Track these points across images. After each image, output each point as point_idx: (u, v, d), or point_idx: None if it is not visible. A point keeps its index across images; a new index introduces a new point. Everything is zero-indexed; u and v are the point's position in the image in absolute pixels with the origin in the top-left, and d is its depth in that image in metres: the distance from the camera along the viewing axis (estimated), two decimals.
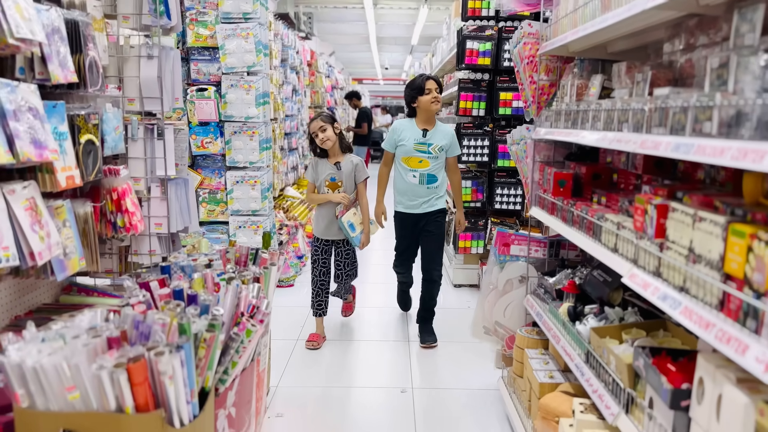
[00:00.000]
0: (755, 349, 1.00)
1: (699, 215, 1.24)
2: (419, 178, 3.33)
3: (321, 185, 3.35)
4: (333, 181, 3.33)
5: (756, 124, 1.04)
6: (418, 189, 3.35)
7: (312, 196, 3.42)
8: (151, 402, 1.36)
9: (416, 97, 3.31)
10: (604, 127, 1.74)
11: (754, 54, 1.13)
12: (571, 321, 2.01)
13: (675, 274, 1.32)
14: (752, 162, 1.00)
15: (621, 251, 1.61)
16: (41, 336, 1.43)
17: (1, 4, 1.61)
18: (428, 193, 3.36)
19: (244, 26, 4.08)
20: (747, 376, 1.09)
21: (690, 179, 1.73)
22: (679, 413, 1.29)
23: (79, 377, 1.32)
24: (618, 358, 1.59)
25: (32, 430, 1.34)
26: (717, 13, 1.46)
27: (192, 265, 2.17)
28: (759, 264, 1.04)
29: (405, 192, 3.38)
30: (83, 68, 2.08)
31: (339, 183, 3.33)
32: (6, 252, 1.63)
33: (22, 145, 1.68)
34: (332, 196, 3.30)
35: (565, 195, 2.16)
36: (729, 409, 1.10)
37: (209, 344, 1.55)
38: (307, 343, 3.36)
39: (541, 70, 2.46)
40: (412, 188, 3.35)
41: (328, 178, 3.32)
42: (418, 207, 3.36)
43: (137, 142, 2.48)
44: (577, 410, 1.75)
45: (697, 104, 1.23)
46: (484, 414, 2.65)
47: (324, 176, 3.33)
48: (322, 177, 3.33)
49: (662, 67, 1.68)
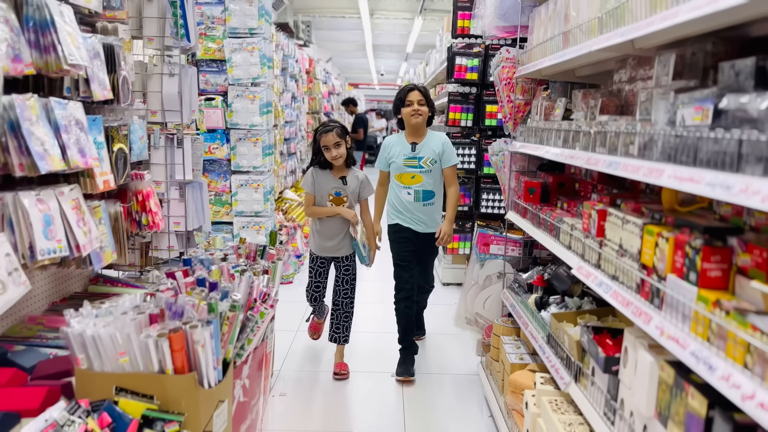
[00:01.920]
0: (656, 320, 1.33)
1: (626, 218, 1.56)
2: (414, 194, 3.16)
3: (323, 199, 3.14)
4: (338, 195, 3.13)
5: (661, 149, 1.37)
6: (414, 207, 3.17)
7: (315, 209, 3.15)
8: (186, 366, 1.67)
9: (400, 108, 3.18)
10: (563, 145, 2.07)
11: (666, 93, 1.46)
12: (538, 309, 2.33)
13: (609, 266, 1.64)
14: (655, 178, 1.32)
15: (573, 248, 1.94)
16: (95, 312, 1.74)
17: (58, 35, 1.92)
18: (425, 212, 3.18)
19: (249, 41, 4.39)
20: (655, 342, 1.42)
21: (635, 189, 2.06)
22: (611, 377, 1.62)
23: (129, 344, 1.63)
24: (570, 337, 1.91)
25: (90, 387, 1.64)
26: (650, 54, 1.79)
27: (210, 259, 2.47)
28: (662, 255, 1.36)
29: (401, 211, 3.20)
30: (117, 86, 2.39)
31: (344, 198, 3.14)
32: (59, 244, 1.94)
33: (72, 154, 1.99)
34: (343, 212, 3.10)
35: (535, 201, 2.49)
36: (641, 367, 1.42)
37: (231, 322, 1.86)
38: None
39: (518, 90, 2.79)
40: (408, 207, 3.17)
41: (332, 192, 3.12)
42: (416, 226, 3.19)
43: (159, 149, 2.79)
44: (538, 382, 2.07)
45: (625, 131, 1.56)
46: (465, 396, 2.97)
47: (328, 190, 3.12)
48: (326, 190, 3.13)
49: (611, 94, 2.00)
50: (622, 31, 1.59)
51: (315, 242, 3.23)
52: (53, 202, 1.96)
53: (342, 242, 3.17)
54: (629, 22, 1.58)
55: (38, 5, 1.90)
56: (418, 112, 3.11)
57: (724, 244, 1.23)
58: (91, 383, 1.65)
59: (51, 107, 1.94)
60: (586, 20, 1.92)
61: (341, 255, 3.21)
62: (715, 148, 1.13)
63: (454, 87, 4.60)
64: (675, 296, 1.28)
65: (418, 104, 3.11)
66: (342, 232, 3.17)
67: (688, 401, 1.22)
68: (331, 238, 3.16)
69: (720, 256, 1.21)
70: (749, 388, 0.99)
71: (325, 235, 3.17)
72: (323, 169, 3.15)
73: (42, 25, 1.90)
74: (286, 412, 2.82)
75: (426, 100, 3.15)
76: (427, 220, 3.20)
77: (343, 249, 3.19)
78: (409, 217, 3.19)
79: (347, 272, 3.24)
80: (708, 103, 1.22)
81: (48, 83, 2.13)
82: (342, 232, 3.16)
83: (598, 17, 1.79)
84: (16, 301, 1.71)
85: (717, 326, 1.12)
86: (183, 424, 1.62)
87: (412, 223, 3.19)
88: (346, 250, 3.20)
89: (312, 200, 3.16)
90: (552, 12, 2.36)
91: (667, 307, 1.32)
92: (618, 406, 1.56)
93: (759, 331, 1.01)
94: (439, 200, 3.25)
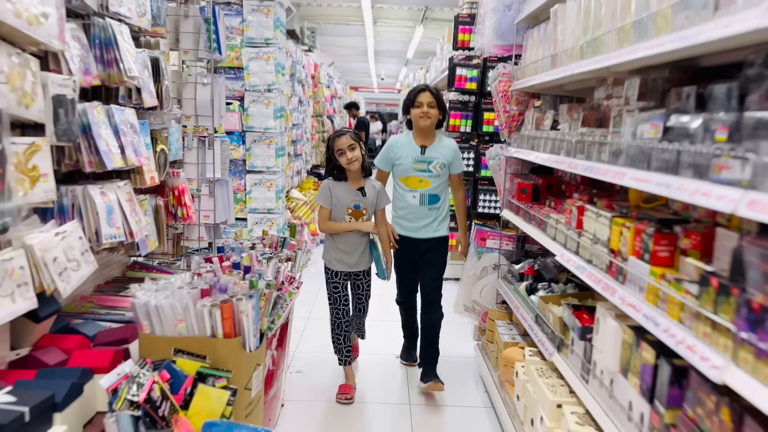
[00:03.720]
0: (620, 292, 1.66)
1: (599, 213, 1.90)
2: (420, 198, 3.04)
3: (340, 213, 2.93)
4: (357, 209, 2.93)
5: (625, 156, 1.70)
6: (418, 210, 3.06)
7: (331, 224, 2.94)
8: (233, 332, 1.99)
9: (409, 109, 3.06)
10: (551, 151, 2.41)
11: (632, 111, 1.80)
12: (527, 294, 2.67)
13: (586, 252, 1.98)
14: (620, 179, 1.65)
15: (557, 239, 2.27)
16: (155, 287, 2.06)
17: (120, 52, 2.25)
18: (430, 214, 3.07)
19: (265, 50, 4.72)
20: (621, 312, 1.75)
21: (611, 190, 2.40)
22: (586, 343, 1.95)
23: (186, 313, 1.95)
24: (554, 314, 2.24)
25: (152, 349, 1.96)
26: (623, 77, 2.13)
27: (240, 247, 2.80)
28: (624, 241, 1.70)
29: (404, 214, 3.09)
30: (161, 94, 2.72)
31: (363, 211, 2.94)
32: (119, 230, 2.26)
33: (129, 153, 2.31)
34: (361, 225, 2.93)
35: (526, 200, 2.82)
36: (608, 332, 1.75)
37: (267, 298, 2.19)
38: (339, 397, 3.00)
39: (513, 102, 3.13)
40: (412, 210, 3.06)
41: (351, 206, 2.92)
42: (419, 230, 3.07)
43: (192, 150, 3.12)
44: (527, 355, 2.41)
45: (599, 141, 1.89)
46: (463, 375, 3.30)
47: (347, 203, 2.92)
48: (344, 204, 2.91)
49: (592, 109, 2.34)
50: (598, 59, 1.93)
51: (334, 257, 3.00)
52: (113, 195, 2.28)
53: (362, 256, 3.01)
54: (603, 51, 1.92)
55: (103, 26, 2.22)
56: (427, 115, 2.97)
57: (671, 231, 1.56)
58: (153, 345, 1.97)
59: (112, 113, 2.27)
60: (570, 46, 2.26)
61: (361, 269, 3.04)
62: (663, 156, 1.47)
63: (455, 95, 4.93)
64: (634, 273, 1.61)
65: (428, 106, 2.97)
66: (362, 246, 3.00)
67: (642, 354, 1.56)
68: (352, 253, 2.97)
69: (667, 241, 1.54)
70: (681, 336, 1.32)
71: (346, 251, 2.97)
72: (338, 180, 2.94)
73: (106, 42, 2.23)
74: (301, 386, 3.14)
75: (437, 102, 3.00)
76: (431, 223, 3.08)
77: (363, 263, 3.03)
78: (411, 224, 3.08)
79: (369, 287, 3.11)
80: (660, 121, 1.55)
81: (105, 92, 2.45)
82: (362, 245, 2.99)
83: (580, 45, 2.13)
84: (87, 277, 2.03)
85: (662, 293, 1.46)
86: (230, 380, 1.95)
87: (413, 231, 3.08)
88: (365, 264, 3.04)
89: (327, 215, 2.94)
90: (543, 35, 2.70)
91: (628, 282, 1.65)
92: (592, 367, 1.89)
93: (690, 294, 1.35)
94: (444, 204, 3.13)
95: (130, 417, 1.68)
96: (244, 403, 2.04)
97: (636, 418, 1.57)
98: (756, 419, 1.12)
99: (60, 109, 1.92)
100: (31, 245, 1.75)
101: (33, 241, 1.76)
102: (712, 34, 1.26)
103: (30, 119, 1.79)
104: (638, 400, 1.56)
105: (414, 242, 3.10)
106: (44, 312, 1.89)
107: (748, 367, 1.11)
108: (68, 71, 2.01)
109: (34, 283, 1.74)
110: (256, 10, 4.69)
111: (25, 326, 2.04)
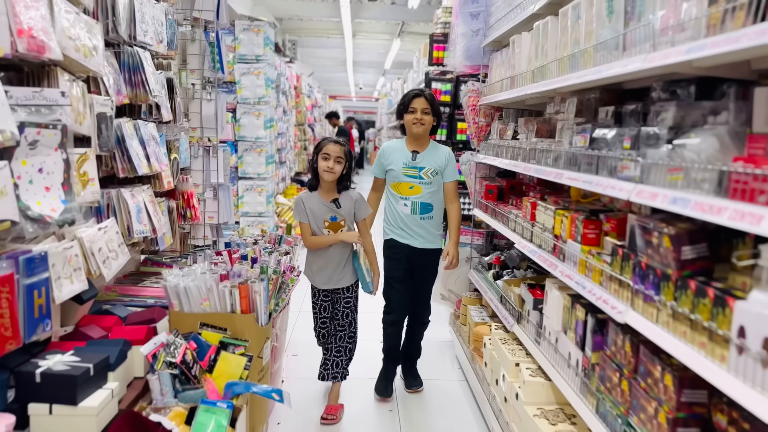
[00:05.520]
0: (560, 267, 2.11)
1: (547, 207, 2.35)
2: (411, 206, 2.96)
3: (318, 228, 2.84)
4: (334, 221, 2.84)
5: (564, 161, 2.16)
6: (410, 220, 2.97)
7: (315, 239, 2.84)
8: (248, 309, 2.39)
9: (402, 114, 3.00)
10: (511, 157, 2.87)
11: (570, 125, 2.26)
12: (494, 280, 3.11)
13: (537, 239, 2.43)
14: (559, 179, 2.11)
15: (516, 231, 2.73)
16: (181, 273, 2.45)
17: (146, 75, 2.64)
18: (422, 225, 2.98)
19: (256, 66, 5.13)
20: (563, 284, 2.20)
21: (561, 189, 2.86)
22: (539, 313, 2.40)
23: (210, 293, 2.35)
24: (515, 293, 2.69)
25: (181, 324, 2.35)
26: (567, 96, 2.60)
27: (245, 242, 3.19)
28: (563, 228, 2.15)
29: (397, 224, 3.03)
30: (174, 109, 3.11)
31: (341, 222, 2.86)
32: (146, 227, 2.64)
33: (153, 161, 2.70)
34: (344, 236, 2.82)
35: (493, 199, 3.28)
36: (553, 301, 2.21)
37: (275, 282, 2.59)
38: (324, 419, 2.87)
39: (481, 115, 3.59)
40: (404, 219, 2.98)
41: (327, 218, 2.84)
42: (412, 240, 3.02)
43: (198, 158, 3.50)
44: (493, 329, 2.85)
45: (545, 149, 2.35)
46: (439, 356, 3.73)
47: (322, 216, 2.83)
48: (320, 217, 2.83)
49: (545, 122, 2.80)
50: (545, 83, 2.39)
51: (314, 274, 2.91)
52: (140, 197, 2.67)
53: (344, 271, 2.89)
54: (549, 77, 2.38)
55: (131, 53, 2.62)
56: (421, 121, 2.92)
57: (597, 218, 2.02)
58: (182, 321, 2.37)
59: (138, 126, 2.66)
60: (524, 70, 2.72)
61: (342, 286, 2.91)
62: (588, 161, 1.93)
63: None
64: (570, 251, 2.07)
65: (422, 113, 2.92)
66: (343, 260, 2.88)
67: (576, 314, 2.01)
68: (334, 268, 2.86)
69: (594, 226, 2.00)
70: (599, 293, 1.77)
71: (325, 266, 2.87)
72: (312, 191, 2.87)
73: (134, 67, 2.63)
74: (297, 367, 3.54)
75: (432, 108, 2.95)
76: (424, 234, 2.99)
77: (345, 279, 2.90)
78: (405, 232, 3.00)
79: (347, 305, 2.94)
80: (587, 133, 2.01)
81: (129, 108, 2.84)
82: (343, 259, 2.88)
83: (532, 70, 2.59)
84: (123, 265, 2.41)
85: (589, 264, 1.91)
86: (246, 348, 2.35)
87: (408, 238, 3.00)
88: (348, 280, 2.91)
89: (308, 230, 2.85)
90: (505, 58, 3.17)
91: (566, 259, 2.11)
92: (542, 331, 2.34)
93: (605, 263, 1.80)
94: (438, 215, 3.03)
95: (169, 375, 2.09)
96: (257, 368, 2.44)
97: (573, 364, 2.02)
98: (647, 347, 1.58)
99: (102, 125, 2.31)
100: (81, 238, 2.14)
101: (82, 234, 2.15)
102: (617, 70, 1.72)
103: (81, 133, 2.18)
104: (574, 350, 2.01)
105: (409, 249, 2.99)
106: (87, 295, 2.27)
107: (640, 309, 1.56)
108: (106, 92, 2.40)
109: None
110: (247, 29, 5.10)
111: (71, 307, 2.41)
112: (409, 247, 3.01)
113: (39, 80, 1.99)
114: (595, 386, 1.83)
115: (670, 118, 1.60)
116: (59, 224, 1.92)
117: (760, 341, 1.10)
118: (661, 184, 1.46)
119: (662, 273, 1.44)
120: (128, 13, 2.53)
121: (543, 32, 2.48)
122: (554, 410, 2.17)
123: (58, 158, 1.94)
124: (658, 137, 1.56)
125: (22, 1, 1.75)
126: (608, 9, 1.85)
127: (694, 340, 1.31)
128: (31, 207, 1.82)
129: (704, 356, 1.26)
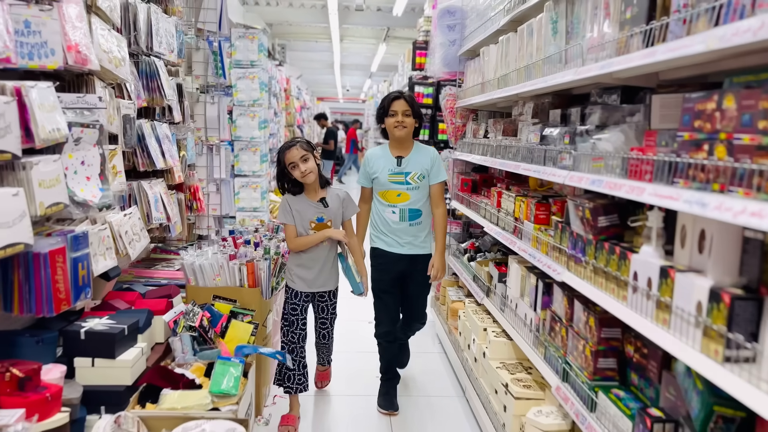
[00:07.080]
0: (518, 244, 2.52)
1: (509, 194, 2.76)
2: (399, 214, 2.88)
3: (304, 229, 2.75)
4: (321, 221, 2.77)
5: (522, 155, 2.57)
6: (398, 227, 2.89)
7: (300, 241, 2.74)
8: (254, 284, 2.78)
9: (383, 118, 2.91)
10: (482, 154, 3.28)
11: (528, 125, 2.67)
12: (468, 262, 3.53)
13: (502, 222, 2.84)
14: (516, 170, 2.52)
15: (486, 217, 3.14)
16: (196, 253, 2.83)
17: (161, 82, 3.01)
18: (411, 231, 2.91)
19: (251, 70, 5.49)
20: (521, 259, 2.61)
21: (525, 180, 3.28)
22: (503, 284, 2.81)
23: (222, 270, 2.73)
24: (485, 271, 3.10)
25: (196, 296, 2.73)
26: (527, 100, 3.01)
27: (247, 231, 3.57)
28: (521, 211, 2.56)
29: (385, 231, 2.93)
30: (183, 111, 3.48)
31: (328, 223, 2.78)
32: (162, 215, 3.01)
33: (167, 157, 3.07)
34: (331, 233, 2.74)
35: (468, 191, 3.69)
36: (513, 273, 2.61)
37: (275, 262, 2.98)
38: (281, 429, 2.73)
39: (457, 116, 4.01)
40: (392, 226, 2.90)
41: (314, 219, 2.76)
42: (400, 248, 2.92)
43: (202, 156, 3.87)
44: (467, 303, 3.26)
45: (508, 145, 2.77)
46: (422, 334, 4.11)
47: (308, 217, 2.75)
48: (306, 218, 2.75)
49: (511, 122, 3.22)
50: (508, 89, 2.80)
51: (295, 274, 2.79)
52: (157, 188, 3.04)
53: (327, 274, 2.81)
54: (510, 84, 2.80)
55: (148, 62, 2.98)
56: (402, 124, 2.85)
57: (547, 202, 2.44)
58: (197, 294, 2.74)
59: (155, 126, 3.03)
60: (492, 77, 3.14)
61: (328, 289, 2.84)
62: (538, 154, 2.34)
63: None
64: (525, 230, 2.48)
65: (403, 115, 2.85)
66: (329, 261, 2.81)
67: (530, 281, 2.42)
68: (313, 268, 2.77)
69: (544, 208, 2.41)
70: (545, 261, 2.18)
71: (307, 265, 2.77)
72: (296, 194, 2.78)
73: (151, 75, 3.00)
74: None
75: (412, 109, 2.88)
76: (413, 240, 2.92)
77: (331, 281, 2.84)
78: (392, 239, 2.92)
79: (334, 311, 2.92)
80: (539, 131, 2.43)
81: (144, 110, 3.21)
82: (329, 260, 2.81)
83: (498, 78, 3.01)
84: (145, 246, 2.78)
85: (538, 238, 2.32)
86: (254, 317, 2.73)
87: (396, 246, 2.92)
88: (333, 283, 2.86)
89: (293, 232, 2.75)
90: (476, 66, 3.58)
91: (523, 237, 2.52)
92: (506, 300, 2.75)
93: (551, 236, 2.21)
94: (427, 219, 2.95)
95: (189, 336, 2.47)
96: (262, 336, 2.82)
97: (528, 323, 2.43)
98: (578, 300, 1.99)
99: (126, 125, 2.68)
100: (111, 222, 2.50)
101: (112, 219, 2.52)
102: (557, 80, 2.13)
103: (111, 132, 2.55)
104: (529, 311, 2.43)
105: (397, 258, 2.92)
106: (113, 273, 2.64)
107: (573, 270, 1.98)
108: (129, 97, 2.77)
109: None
110: (242, 37, 5.45)
111: (98, 284, 2.77)
112: (397, 255, 2.92)
113: (78, 88, 2.36)
114: (543, 338, 2.24)
115: (597, 118, 2.02)
116: (99, 208, 2.30)
117: (646, 281, 1.52)
118: (587, 170, 1.87)
119: (586, 239, 1.86)
120: (147, 27, 2.90)
121: (506, 46, 2.89)
122: (514, 363, 2.58)
123: (96, 153, 2.31)
124: (588, 133, 1.98)
125: (70, 22, 2.12)
126: (553, 30, 2.26)
127: (607, 287, 1.72)
128: (77, 193, 2.20)
129: (612, 298, 1.68)
